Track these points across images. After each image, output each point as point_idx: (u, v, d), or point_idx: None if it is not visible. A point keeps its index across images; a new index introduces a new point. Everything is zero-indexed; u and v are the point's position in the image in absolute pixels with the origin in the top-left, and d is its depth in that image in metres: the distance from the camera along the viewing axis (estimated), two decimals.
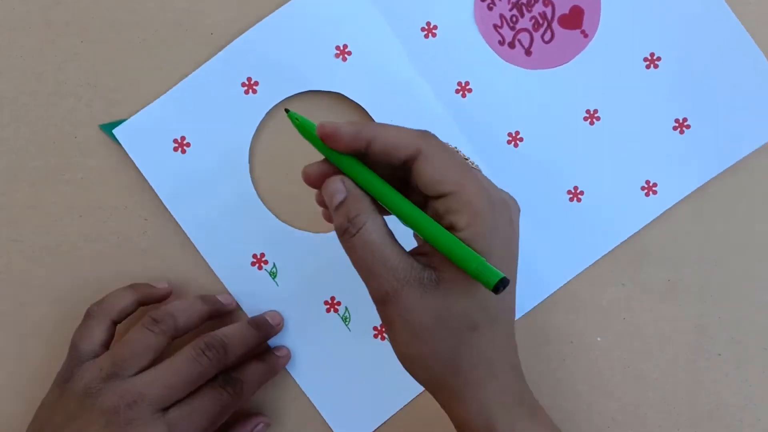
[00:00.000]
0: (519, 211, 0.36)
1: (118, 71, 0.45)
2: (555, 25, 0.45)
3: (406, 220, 0.33)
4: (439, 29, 0.45)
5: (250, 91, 0.45)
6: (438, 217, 0.33)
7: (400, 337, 0.33)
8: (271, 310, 0.45)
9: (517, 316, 0.45)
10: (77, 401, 0.38)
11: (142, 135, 0.45)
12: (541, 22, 0.45)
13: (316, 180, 0.34)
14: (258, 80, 0.45)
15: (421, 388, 0.44)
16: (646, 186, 0.46)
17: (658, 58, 0.45)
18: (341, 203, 0.33)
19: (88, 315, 0.41)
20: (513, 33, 0.45)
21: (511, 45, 0.45)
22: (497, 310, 0.34)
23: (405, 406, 0.45)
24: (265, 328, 0.44)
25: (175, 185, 0.45)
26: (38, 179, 0.45)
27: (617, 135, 0.46)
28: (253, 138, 0.45)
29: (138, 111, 0.45)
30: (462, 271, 0.32)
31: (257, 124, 0.45)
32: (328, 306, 0.45)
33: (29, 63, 0.45)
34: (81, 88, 0.45)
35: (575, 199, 0.46)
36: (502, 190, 0.35)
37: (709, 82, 0.45)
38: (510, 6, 0.45)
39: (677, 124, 0.45)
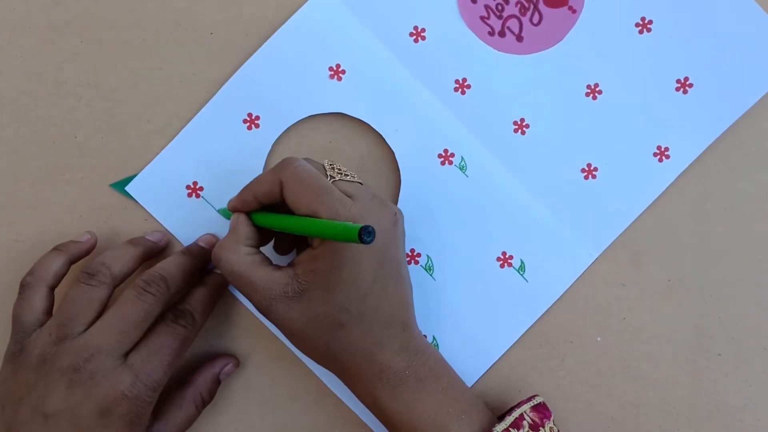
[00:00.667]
0: (393, 218, 0.40)
1: (118, 71, 0.45)
2: (541, 5, 0.45)
3: (284, 228, 0.38)
4: (428, 31, 0.45)
5: (253, 126, 0.45)
6: (309, 239, 0.39)
7: (287, 337, 0.40)
8: (204, 234, 0.45)
9: (558, 293, 0.45)
10: (34, 370, 0.38)
11: (155, 186, 0.45)
12: (527, 5, 0.45)
13: (232, 210, 0.41)
14: (259, 114, 0.45)
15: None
16: (658, 151, 0.46)
17: (650, 22, 0.45)
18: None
19: (24, 286, 0.41)
20: (501, 21, 0.45)
21: (501, 34, 0.45)
22: (361, 310, 0.38)
23: None
24: (201, 253, 0.43)
25: (195, 229, 0.45)
26: (38, 179, 0.45)
27: (622, 105, 0.46)
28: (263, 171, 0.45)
29: (138, 112, 0.45)
30: (321, 281, 0.37)
31: (265, 158, 0.45)
32: None
33: (29, 63, 0.45)
34: (81, 88, 0.45)
35: (590, 176, 0.46)
36: (368, 201, 0.39)
37: (704, 37, 0.45)
38: None
39: (679, 85, 0.45)
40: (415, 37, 0.45)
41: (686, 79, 0.45)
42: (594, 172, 0.46)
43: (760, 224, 0.46)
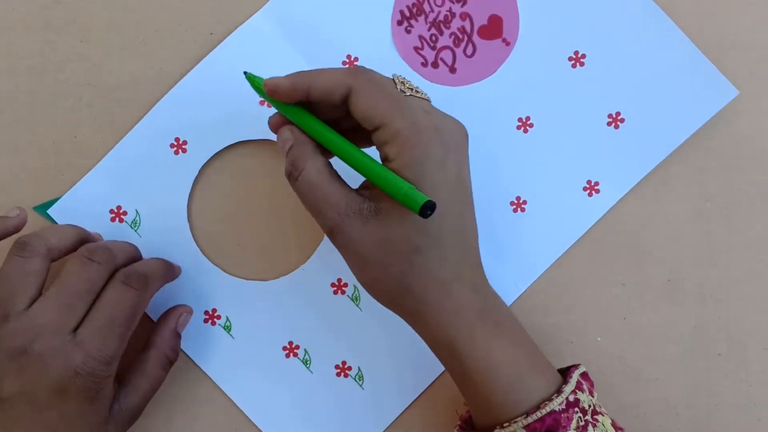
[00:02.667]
0: (465, 136, 0.38)
1: (118, 71, 0.45)
2: (475, 37, 0.45)
3: (343, 158, 0.36)
4: (360, 60, 0.45)
5: (180, 151, 0.45)
6: (378, 149, 0.36)
7: (354, 266, 0.37)
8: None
9: None
10: None
11: (78, 210, 0.44)
12: (461, 36, 0.45)
13: (275, 128, 0.38)
14: (186, 139, 0.45)
15: (388, 423, 0.45)
16: (588, 186, 0.46)
17: (583, 56, 0.45)
18: (288, 151, 0.37)
19: None
20: (434, 52, 0.45)
21: (435, 65, 0.45)
22: (439, 232, 0.35)
23: None
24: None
25: None
26: (38, 179, 0.45)
27: (553, 139, 0.45)
28: (189, 197, 0.45)
29: (138, 112, 0.45)
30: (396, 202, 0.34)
31: (191, 183, 0.45)
32: (287, 351, 0.45)
33: (29, 63, 0.45)
34: (81, 88, 0.45)
35: (519, 209, 0.46)
36: (442, 116, 0.37)
37: (636, 72, 0.45)
38: (428, 26, 0.45)
39: (611, 120, 0.45)
40: (348, 65, 0.45)
41: (618, 113, 0.45)
42: (523, 205, 0.46)
43: (760, 224, 0.46)
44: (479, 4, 0.45)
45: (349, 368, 0.45)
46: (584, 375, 0.39)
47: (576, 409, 0.36)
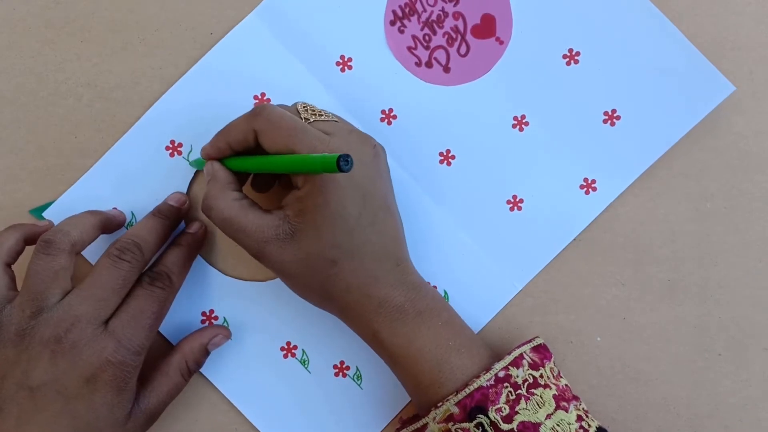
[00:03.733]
0: (373, 147, 0.40)
1: (118, 71, 0.45)
2: (469, 36, 0.45)
3: (261, 170, 0.39)
4: (354, 61, 0.45)
5: (175, 153, 0.45)
6: (292, 180, 0.39)
7: (282, 279, 0.40)
8: (173, 193, 0.44)
9: (480, 324, 0.45)
10: (13, 346, 0.38)
11: (74, 212, 0.43)
12: (454, 36, 0.45)
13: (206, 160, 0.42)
14: (181, 142, 0.45)
15: (387, 422, 0.45)
16: (585, 184, 0.45)
17: (578, 53, 0.45)
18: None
19: None
20: (428, 52, 0.45)
21: (429, 64, 0.45)
22: (352, 245, 0.38)
23: None
24: (172, 213, 0.43)
25: None
26: (38, 179, 0.45)
27: (548, 137, 0.45)
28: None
29: (138, 112, 0.45)
30: (310, 220, 0.37)
31: (188, 184, 0.45)
32: (285, 351, 0.45)
33: (29, 63, 0.45)
34: (81, 88, 0.45)
35: (515, 208, 0.45)
36: (346, 134, 0.39)
37: (631, 69, 0.45)
38: (421, 25, 0.45)
39: (607, 117, 0.45)
40: (341, 66, 0.45)
41: (614, 111, 0.45)
42: (519, 204, 0.46)
43: (760, 224, 0.46)
44: (472, 3, 0.45)
45: (348, 368, 0.45)
46: (537, 348, 0.40)
47: (506, 384, 0.38)
